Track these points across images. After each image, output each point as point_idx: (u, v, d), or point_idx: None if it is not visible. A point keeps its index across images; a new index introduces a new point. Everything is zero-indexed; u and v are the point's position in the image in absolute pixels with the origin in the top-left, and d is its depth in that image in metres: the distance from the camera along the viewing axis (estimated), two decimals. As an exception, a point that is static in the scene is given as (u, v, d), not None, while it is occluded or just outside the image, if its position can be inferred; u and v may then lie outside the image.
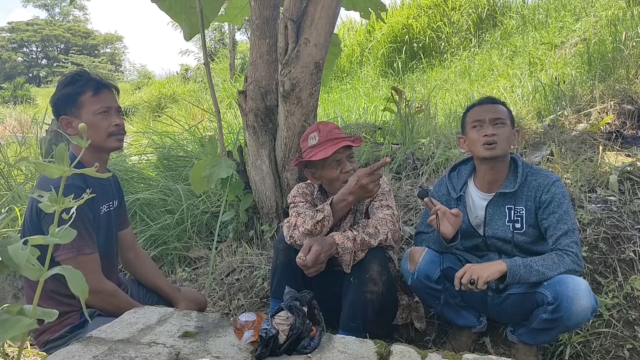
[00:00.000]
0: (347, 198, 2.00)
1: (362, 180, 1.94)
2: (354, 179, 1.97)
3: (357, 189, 1.97)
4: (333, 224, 2.04)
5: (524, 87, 6.36)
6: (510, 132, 2.03)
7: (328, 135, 2.13)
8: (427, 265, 2.00)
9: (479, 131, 2.02)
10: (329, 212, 2.00)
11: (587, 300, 1.76)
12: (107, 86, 1.94)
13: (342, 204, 2.01)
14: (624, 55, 5.30)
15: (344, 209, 2.03)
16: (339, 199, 2.02)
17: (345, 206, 2.03)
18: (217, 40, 24.17)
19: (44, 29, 48.04)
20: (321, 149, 2.11)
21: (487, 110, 2.05)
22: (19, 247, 0.92)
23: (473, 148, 2.07)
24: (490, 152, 2.00)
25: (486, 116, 2.02)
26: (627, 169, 3.09)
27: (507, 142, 2.01)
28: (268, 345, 1.36)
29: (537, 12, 9.50)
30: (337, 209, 2.02)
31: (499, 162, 2.06)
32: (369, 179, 1.94)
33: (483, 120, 2.02)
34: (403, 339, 2.27)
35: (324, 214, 1.99)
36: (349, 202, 2.01)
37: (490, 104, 2.08)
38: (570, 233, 1.91)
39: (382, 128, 4.93)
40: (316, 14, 2.71)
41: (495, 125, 2.01)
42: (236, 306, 2.72)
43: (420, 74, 9.73)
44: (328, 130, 2.16)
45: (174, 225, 3.51)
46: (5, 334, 0.89)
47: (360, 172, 1.98)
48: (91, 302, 1.79)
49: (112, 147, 1.94)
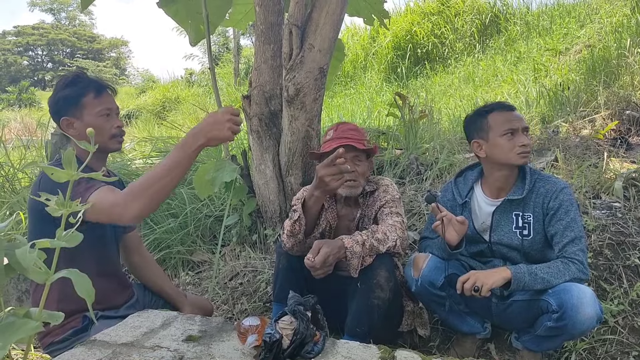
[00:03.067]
0: (313, 193, 2.00)
1: (319, 172, 1.93)
2: (316, 174, 1.97)
3: (318, 182, 1.96)
4: (309, 222, 2.04)
5: (529, 93, 6.35)
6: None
7: (341, 134, 2.17)
8: (431, 272, 2.00)
9: (511, 140, 2.00)
10: (300, 210, 2.02)
11: (592, 309, 1.74)
12: (107, 88, 1.95)
13: (311, 200, 2.01)
14: (628, 62, 5.30)
15: (314, 205, 2.02)
16: (308, 195, 2.02)
17: (315, 202, 2.01)
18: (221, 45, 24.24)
19: (49, 33, 48.33)
20: (329, 145, 2.14)
21: (519, 119, 2.05)
22: (27, 250, 0.92)
23: (501, 155, 2.03)
24: (524, 160, 2.01)
25: (519, 125, 2.02)
26: (632, 175, 3.08)
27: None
28: (271, 350, 1.36)
29: (541, 18, 9.50)
30: (308, 205, 2.02)
31: (515, 168, 2.06)
32: (324, 171, 1.91)
33: (517, 130, 2.01)
34: (407, 345, 2.25)
35: (298, 213, 2.02)
36: (317, 197, 1.99)
37: (516, 112, 2.08)
38: (577, 241, 1.90)
39: (385, 133, 4.93)
40: (320, 19, 2.72)
41: (526, 135, 2.03)
42: (239, 310, 2.72)
43: (424, 79, 9.74)
44: (344, 130, 2.19)
45: (177, 229, 3.51)
46: (12, 337, 0.89)
47: (318, 166, 1.97)
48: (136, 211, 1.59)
49: (112, 149, 1.96)
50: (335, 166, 1.91)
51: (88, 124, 1.79)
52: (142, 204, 1.57)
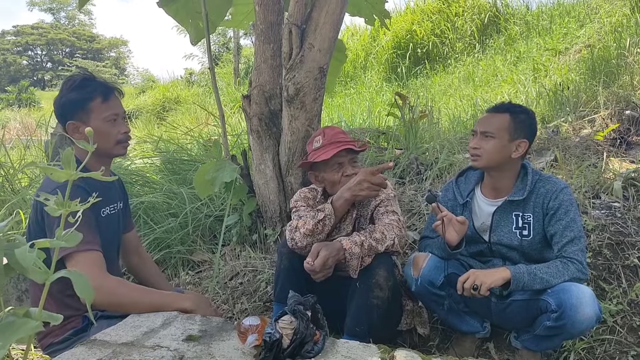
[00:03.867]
0: (343, 195, 2.02)
1: (363, 176, 1.98)
2: (356, 177, 2.01)
3: (355, 185, 1.99)
4: (334, 223, 2.05)
5: (528, 92, 6.36)
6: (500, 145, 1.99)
7: (332, 139, 2.16)
8: (430, 271, 2.00)
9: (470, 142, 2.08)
10: (330, 211, 2.01)
11: (591, 309, 1.75)
12: (114, 91, 1.94)
13: (340, 201, 2.03)
14: (628, 62, 5.30)
15: (342, 207, 2.05)
16: (337, 197, 2.04)
17: (343, 204, 2.04)
18: (221, 45, 24.23)
19: (49, 32, 48.34)
20: (323, 152, 2.13)
21: (480, 121, 2.08)
22: (26, 250, 0.93)
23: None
24: (473, 163, 2.07)
25: (478, 128, 2.05)
26: (631, 175, 3.08)
27: (493, 155, 2.00)
28: (272, 350, 1.36)
29: (541, 18, 9.51)
30: (335, 206, 2.04)
31: (493, 170, 2.07)
32: (369, 178, 1.97)
33: (476, 132, 2.06)
34: (406, 345, 2.26)
35: (325, 213, 2.01)
36: (346, 200, 2.02)
37: (492, 113, 2.08)
38: (576, 241, 1.90)
39: (385, 133, 4.93)
40: (320, 19, 2.72)
41: (486, 139, 2.01)
42: (240, 310, 2.72)
43: (424, 79, 9.74)
44: (332, 134, 2.18)
45: (177, 229, 3.51)
46: (12, 337, 0.90)
47: (363, 170, 2.02)
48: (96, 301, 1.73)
49: (117, 154, 1.95)
50: (379, 177, 1.97)
51: (94, 129, 1.78)
52: (109, 302, 1.70)
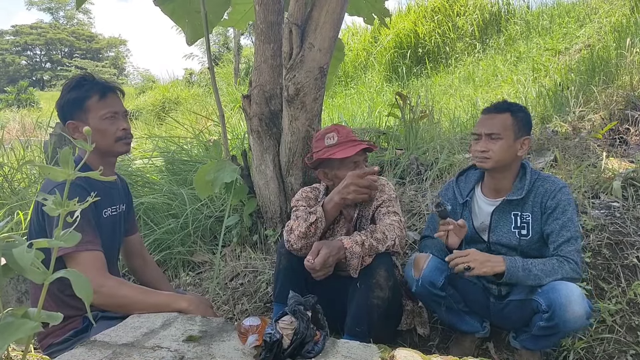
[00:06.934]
0: (333, 198, 2.03)
1: (350, 180, 1.99)
2: (344, 180, 2.01)
3: (343, 189, 2.00)
4: (325, 225, 2.05)
5: (528, 92, 6.36)
6: (507, 145, 2.00)
7: (347, 137, 2.16)
8: (431, 272, 2.00)
9: (474, 145, 2.06)
10: (321, 214, 2.02)
11: (580, 307, 1.77)
12: (113, 90, 1.93)
13: (330, 204, 2.04)
14: (627, 62, 5.30)
15: (332, 209, 2.05)
16: (328, 200, 2.05)
17: (334, 207, 2.04)
18: (221, 45, 24.22)
19: (47, 32, 48.29)
20: (341, 149, 2.12)
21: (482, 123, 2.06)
22: (24, 250, 0.92)
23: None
24: (481, 165, 2.05)
25: (482, 130, 2.03)
26: (630, 175, 3.08)
27: (502, 155, 2.00)
28: (272, 350, 1.36)
29: (541, 18, 9.51)
30: (326, 209, 2.04)
31: (496, 171, 2.07)
32: (356, 181, 1.98)
33: (480, 135, 2.04)
34: (407, 344, 2.26)
35: (316, 216, 2.01)
36: (336, 203, 2.03)
37: (492, 113, 2.07)
38: (573, 241, 1.91)
39: (386, 133, 4.93)
40: (320, 18, 2.72)
41: (493, 140, 2.00)
42: (240, 310, 2.72)
43: (425, 79, 9.74)
44: (347, 132, 2.19)
45: (178, 230, 3.51)
46: (10, 337, 0.89)
47: (351, 173, 2.01)
48: (96, 301, 1.70)
49: (119, 152, 1.94)
50: (366, 180, 1.98)
51: (93, 127, 1.78)
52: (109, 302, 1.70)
